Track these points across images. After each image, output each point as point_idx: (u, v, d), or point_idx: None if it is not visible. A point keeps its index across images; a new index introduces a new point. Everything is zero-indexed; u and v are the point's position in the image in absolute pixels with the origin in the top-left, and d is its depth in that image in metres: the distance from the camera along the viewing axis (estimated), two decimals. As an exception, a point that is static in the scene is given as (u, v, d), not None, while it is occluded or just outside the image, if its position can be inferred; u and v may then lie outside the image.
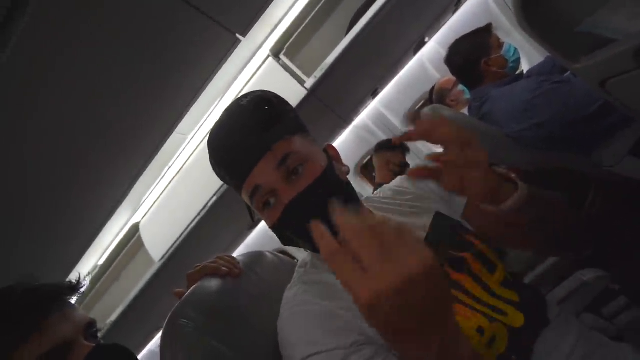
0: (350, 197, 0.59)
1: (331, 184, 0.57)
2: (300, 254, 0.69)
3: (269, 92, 0.62)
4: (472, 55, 1.42)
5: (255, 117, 0.56)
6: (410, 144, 2.59)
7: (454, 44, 1.50)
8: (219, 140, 0.59)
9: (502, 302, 0.57)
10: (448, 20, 2.35)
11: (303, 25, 1.83)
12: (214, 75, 1.19)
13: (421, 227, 0.64)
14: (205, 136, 1.83)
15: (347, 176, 0.63)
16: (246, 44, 1.37)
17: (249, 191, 0.57)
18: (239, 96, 0.62)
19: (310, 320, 0.54)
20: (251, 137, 0.55)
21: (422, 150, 2.83)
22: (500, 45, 1.43)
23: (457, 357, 0.37)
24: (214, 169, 0.62)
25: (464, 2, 2.32)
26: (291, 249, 2.86)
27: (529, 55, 2.39)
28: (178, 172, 2.00)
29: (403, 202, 0.70)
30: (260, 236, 2.54)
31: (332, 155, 0.63)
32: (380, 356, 0.48)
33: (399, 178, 0.79)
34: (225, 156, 0.58)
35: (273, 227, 0.58)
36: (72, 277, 0.66)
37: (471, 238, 0.63)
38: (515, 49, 1.45)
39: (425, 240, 0.62)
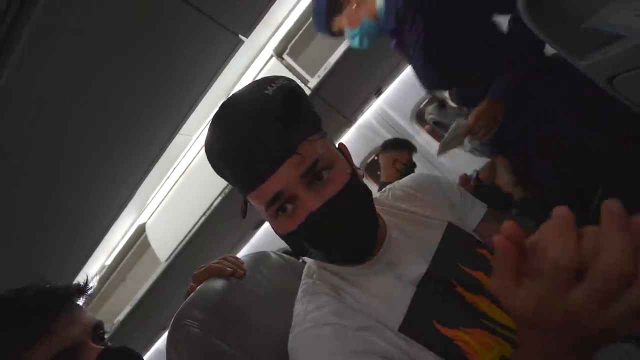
0: (371, 205, 0.55)
1: (356, 193, 0.53)
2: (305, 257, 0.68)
3: (292, 80, 0.54)
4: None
5: (281, 111, 0.48)
6: (416, 144, 2.58)
7: None
8: (233, 132, 0.50)
9: None
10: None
11: (306, 25, 1.83)
12: (218, 76, 1.19)
13: (431, 239, 0.61)
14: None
15: None
16: (249, 45, 1.37)
17: (268, 197, 0.50)
18: (258, 78, 0.54)
19: (329, 343, 0.50)
20: (275, 135, 0.48)
21: (429, 152, 2.81)
22: None
23: None
24: (216, 163, 0.53)
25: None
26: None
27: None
28: (183, 172, 2.01)
29: (413, 210, 0.66)
30: (264, 236, 2.54)
31: (347, 156, 0.58)
32: None
33: (409, 178, 0.75)
34: (241, 153, 0.49)
35: (289, 235, 0.52)
36: (80, 278, 0.66)
37: (484, 252, 0.61)
38: None
39: (436, 255, 0.59)
